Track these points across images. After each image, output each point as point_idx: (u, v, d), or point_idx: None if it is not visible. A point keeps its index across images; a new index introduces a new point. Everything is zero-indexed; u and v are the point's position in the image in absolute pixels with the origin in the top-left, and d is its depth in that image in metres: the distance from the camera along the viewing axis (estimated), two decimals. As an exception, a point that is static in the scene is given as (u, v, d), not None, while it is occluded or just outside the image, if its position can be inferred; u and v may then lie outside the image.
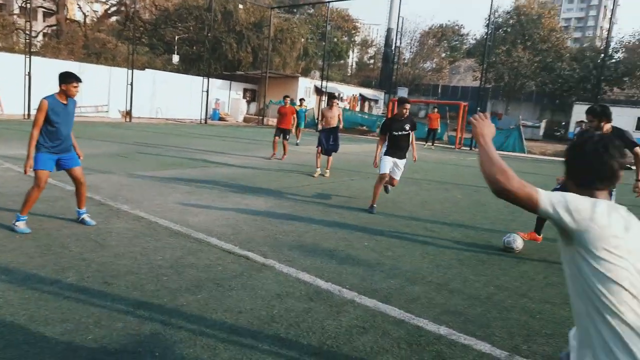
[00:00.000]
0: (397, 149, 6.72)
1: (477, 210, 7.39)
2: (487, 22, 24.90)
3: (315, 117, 29.81)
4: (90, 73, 23.85)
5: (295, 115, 16.22)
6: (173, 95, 28.23)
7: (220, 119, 30.64)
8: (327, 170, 9.93)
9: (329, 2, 35.21)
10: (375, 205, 6.70)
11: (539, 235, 5.68)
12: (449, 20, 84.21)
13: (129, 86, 22.80)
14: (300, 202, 6.99)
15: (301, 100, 17.92)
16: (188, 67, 34.80)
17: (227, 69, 34.29)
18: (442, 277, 4.18)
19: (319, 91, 33.58)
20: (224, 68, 34.33)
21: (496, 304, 3.67)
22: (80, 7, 36.61)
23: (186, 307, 3.16)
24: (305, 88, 33.99)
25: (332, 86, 35.62)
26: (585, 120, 18.83)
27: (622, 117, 32.57)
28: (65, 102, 4.57)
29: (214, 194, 7.01)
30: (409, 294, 3.73)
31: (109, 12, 35.82)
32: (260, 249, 4.53)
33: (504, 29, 42.50)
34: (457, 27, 62.51)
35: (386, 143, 6.79)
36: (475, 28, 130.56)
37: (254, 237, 4.92)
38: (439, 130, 22.06)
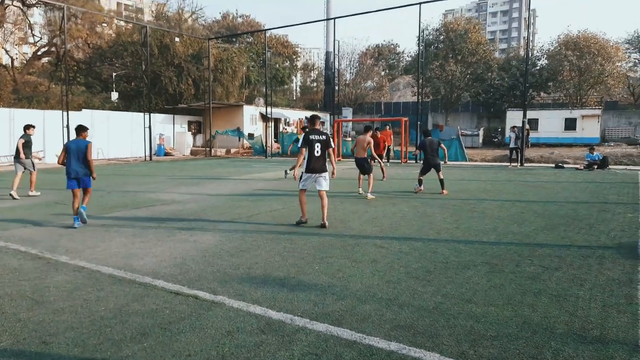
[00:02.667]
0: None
1: (424, 222, 7.63)
2: (418, 40, 26.12)
3: (264, 143, 29.84)
4: (21, 118, 22.83)
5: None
6: (114, 134, 27.39)
7: (166, 154, 30.01)
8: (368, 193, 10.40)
9: (265, 30, 35.78)
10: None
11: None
12: (384, 40, 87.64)
13: (65, 129, 21.92)
14: (249, 232, 6.95)
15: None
16: (128, 103, 34.00)
17: (168, 102, 33.81)
18: (391, 293, 4.28)
19: (264, 117, 33.71)
20: (165, 102, 33.83)
21: (443, 313, 3.79)
22: (7, 51, 35.09)
23: (131, 358, 3.05)
24: (250, 115, 34.04)
25: (277, 111, 35.90)
26: (518, 125, 20.84)
27: (551, 119, 34.90)
28: None
29: (160, 234, 6.84)
30: (360, 314, 3.78)
31: (38, 53, 34.49)
32: (210, 286, 4.45)
33: (435, 45, 44.69)
34: (392, 46, 65.18)
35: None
36: (409, 46, 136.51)
37: (203, 274, 4.83)
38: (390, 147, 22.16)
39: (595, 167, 17.86)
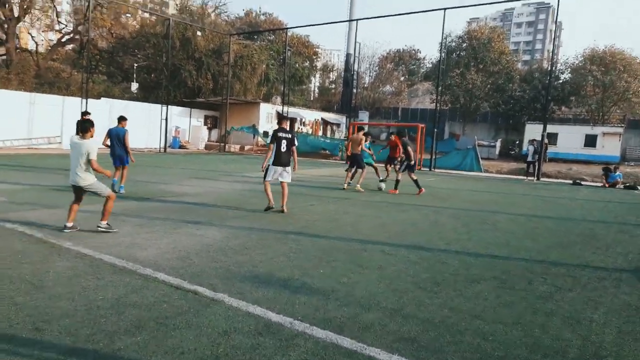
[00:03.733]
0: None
1: (434, 231, 7.45)
2: (440, 46, 25.83)
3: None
4: (42, 103, 23.17)
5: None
6: (131, 124, 27.56)
7: (181, 147, 30.16)
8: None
9: (287, 28, 35.80)
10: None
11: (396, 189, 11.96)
12: (406, 45, 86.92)
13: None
14: (256, 230, 6.85)
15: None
16: (147, 94, 34.28)
17: (186, 96, 33.99)
18: (396, 302, 4.13)
19: (280, 116, 33.71)
20: (183, 95, 34.02)
21: (449, 328, 3.64)
22: (32, 37, 35.66)
23: (123, 351, 2.96)
24: (267, 114, 34.07)
25: (294, 111, 35.89)
26: (537, 139, 20.61)
27: (571, 135, 34.26)
28: None
29: (167, 226, 6.77)
30: (362, 322, 3.64)
31: (62, 40, 34.98)
32: (211, 282, 4.35)
33: (457, 52, 44.24)
34: (413, 52, 64.71)
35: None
36: (431, 52, 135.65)
37: (205, 270, 4.74)
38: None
39: (621, 184, 17.43)
